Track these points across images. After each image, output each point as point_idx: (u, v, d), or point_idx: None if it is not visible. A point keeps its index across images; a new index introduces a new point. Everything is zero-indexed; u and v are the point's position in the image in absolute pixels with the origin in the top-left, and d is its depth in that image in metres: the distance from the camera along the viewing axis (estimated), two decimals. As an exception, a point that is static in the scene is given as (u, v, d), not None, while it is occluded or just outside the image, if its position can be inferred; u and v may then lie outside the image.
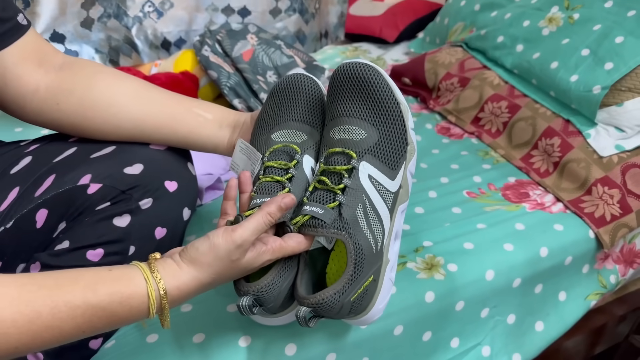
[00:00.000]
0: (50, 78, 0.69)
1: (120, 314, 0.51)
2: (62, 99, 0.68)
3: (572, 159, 0.96)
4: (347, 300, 0.54)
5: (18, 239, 0.67)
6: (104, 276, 0.51)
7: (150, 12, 1.29)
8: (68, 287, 0.49)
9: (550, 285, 0.85)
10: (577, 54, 1.05)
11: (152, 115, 0.70)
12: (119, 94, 0.69)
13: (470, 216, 0.88)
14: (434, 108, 1.21)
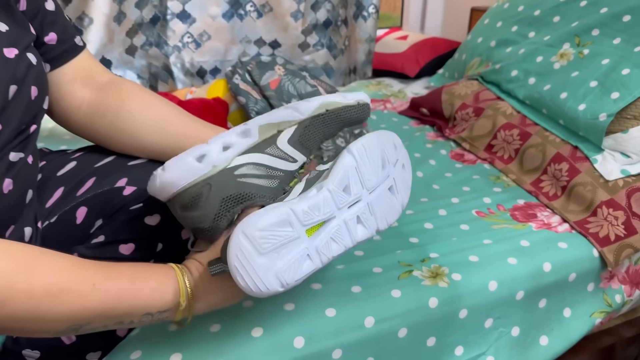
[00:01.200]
0: (92, 97, 0.76)
1: (157, 303, 0.57)
2: (96, 119, 0.76)
3: (579, 182, 1.00)
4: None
5: (60, 233, 0.75)
6: (144, 267, 0.59)
7: (188, 43, 1.40)
8: (116, 274, 0.56)
9: (554, 301, 0.88)
10: (586, 85, 1.10)
11: (170, 147, 0.75)
12: (143, 123, 0.75)
13: (477, 232, 0.92)
14: (450, 136, 1.28)
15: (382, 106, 1.48)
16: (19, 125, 0.63)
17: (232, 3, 1.43)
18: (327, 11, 1.53)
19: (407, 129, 1.34)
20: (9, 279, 0.48)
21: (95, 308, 0.53)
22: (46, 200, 0.75)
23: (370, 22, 1.62)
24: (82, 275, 0.52)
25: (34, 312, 0.49)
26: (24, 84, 0.62)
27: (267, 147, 0.60)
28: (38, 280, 0.49)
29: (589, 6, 1.22)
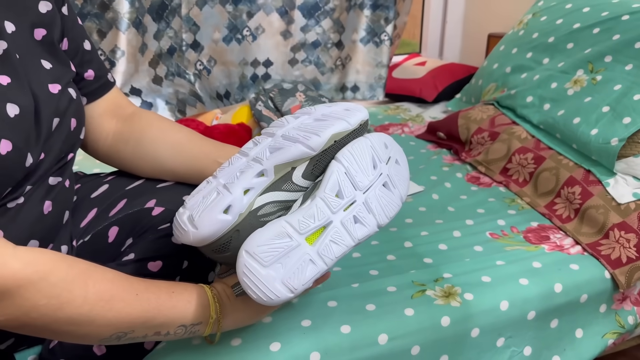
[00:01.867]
0: (117, 128, 0.83)
1: (188, 315, 0.62)
2: (121, 147, 0.83)
3: (592, 205, 1.02)
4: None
5: (93, 251, 0.80)
6: (179, 286, 0.64)
7: (202, 70, 1.50)
8: (155, 286, 0.61)
9: (566, 321, 0.90)
10: (598, 110, 1.13)
11: (186, 169, 0.82)
12: (161, 148, 0.82)
13: (490, 254, 0.95)
14: (466, 159, 1.31)
15: (400, 130, 1.52)
16: (59, 154, 0.69)
17: (231, 28, 1.54)
18: (317, 34, 1.67)
19: (424, 153, 1.38)
20: (68, 285, 0.54)
21: (139, 316, 0.58)
22: (81, 220, 0.81)
23: (382, 48, 1.71)
24: (127, 286, 0.58)
25: (87, 316, 0.55)
26: (65, 116, 0.68)
27: (283, 184, 0.65)
28: (92, 287, 0.55)
29: (602, 33, 1.25)
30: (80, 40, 0.77)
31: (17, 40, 0.65)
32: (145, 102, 1.42)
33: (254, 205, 0.63)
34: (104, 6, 1.34)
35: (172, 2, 1.42)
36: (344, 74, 1.74)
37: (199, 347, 0.75)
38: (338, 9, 1.66)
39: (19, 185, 0.62)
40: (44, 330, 0.55)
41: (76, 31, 0.77)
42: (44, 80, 0.66)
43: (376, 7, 1.68)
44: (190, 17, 1.46)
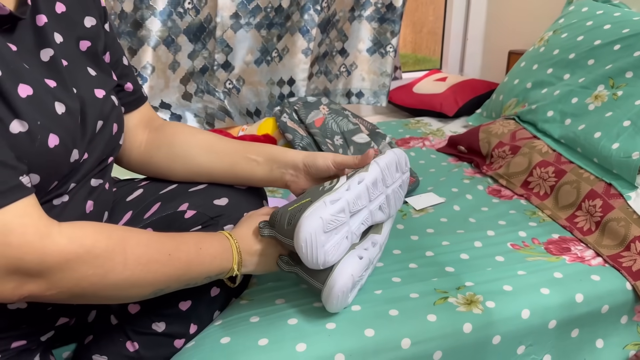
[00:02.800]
0: (149, 137, 0.89)
1: (216, 262, 0.71)
2: (153, 153, 0.88)
3: (613, 218, 1.03)
4: (285, 209, 0.76)
5: None
6: (207, 236, 0.74)
7: (231, 88, 1.55)
8: (187, 241, 0.69)
9: (587, 332, 0.91)
10: (619, 125, 1.14)
11: (218, 165, 0.88)
12: (193, 148, 0.88)
13: (512, 264, 0.96)
14: (487, 173, 1.33)
15: (421, 143, 1.54)
16: (101, 155, 0.74)
17: (263, 51, 1.61)
18: (326, 45, 1.77)
19: (445, 165, 1.40)
20: (110, 254, 0.59)
21: (173, 274, 0.65)
22: (117, 222, 0.85)
23: (387, 59, 1.83)
24: (160, 247, 0.64)
25: (129, 280, 0.61)
26: (108, 120, 0.73)
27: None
28: (130, 254, 0.60)
29: (623, 50, 1.27)
30: (119, 55, 0.83)
31: (65, 49, 0.69)
32: (174, 114, 1.47)
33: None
34: (137, 25, 1.40)
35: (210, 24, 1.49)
36: (349, 80, 1.85)
37: (226, 347, 0.78)
38: (342, 19, 1.75)
39: (64, 181, 0.66)
40: (93, 296, 0.61)
41: (116, 47, 0.83)
42: (89, 85, 0.71)
43: (383, 20, 1.80)
44: (223, 39, 1.52)
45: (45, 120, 0.60)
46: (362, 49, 1.82)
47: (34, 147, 0.58)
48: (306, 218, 0.72)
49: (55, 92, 0.64)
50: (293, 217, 0.74)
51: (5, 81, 0.56)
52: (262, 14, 1.55)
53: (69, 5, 0.72)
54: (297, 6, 1.59)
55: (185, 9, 1.45)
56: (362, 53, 1.83)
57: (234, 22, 1.52)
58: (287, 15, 1.59)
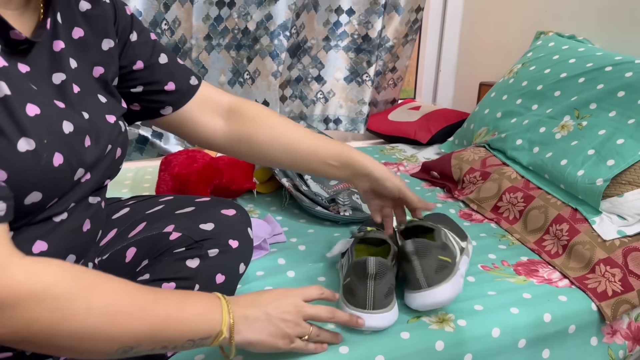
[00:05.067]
0: (223, 125, 0.90)
1: (201, 330, 0.63)
2: (234, 146, 0.91)
3: (579, 241, 1.07)
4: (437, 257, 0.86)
5: (110, 270, 0.82)
6: (193, 295, 0.67)
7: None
8: (167, 299, 0.62)
9: (557, 353, 0.93)
10: (584, 153, 1.19)
11: (297, 165, 0.93)
12: (273, 149, 0.91)
13: (482, 284, 0.98)
14: (458, 197, 1.36)
15: (396, 168, 1.58)
16: (102, 178, 0.73)
17: (235, 72, 1.65)
18: (298, 70, 1.85)
19: (419, 190, 1.43)
20: (71, 297, 0.53)
21: (145, 330, 0.58)
22: (101, 239, 0.85)
23: (364, 88, 1.92)
24: (135, 298, 0.58)
25: (90, 330, 0.54)
26: (114, 144, 0.73)
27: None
28: (97, 301, 0.54)
29: (587, 82, 1.33)
30: (154, 59, 0.82)
31: (78, 75, 0.70)
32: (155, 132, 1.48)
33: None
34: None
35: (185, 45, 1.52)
36: (327, 107, 1.92)
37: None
38: (315, 47, 1.83)
39: (64, 199, 0.65)
40: (46, 345, 0.54)
41: (148, 51, 0.82)
42: (101, 112, 0.71)
43: (359, 51, 1.88)
44: (199, 60, 1.55)
45: (51, 138, 0.59)
46: (339, 77, 1.90)
47: (40, 165, 0.57)
48: (455, 280, 0.87)
49: (64, 112, 0.63)
50: (442, 270, 0.87)
51: (14, 101, 0.56)
52: (230, 35, 1.61)
53: (87, 29, 0.72)
54: (266, 30, 1.66)
55: (162, 30, 1.48)
56: (340, 81, 1.90)
57: (207, 43, 1.55)
58: (254, 37, 1.66)
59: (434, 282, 0.85)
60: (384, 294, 0.81)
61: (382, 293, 0.81)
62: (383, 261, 0.81)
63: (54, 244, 0.64)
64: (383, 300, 0.81)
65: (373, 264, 0.80)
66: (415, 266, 0.85)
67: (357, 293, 0.81)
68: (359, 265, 0.80)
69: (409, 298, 0.87)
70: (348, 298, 0.83)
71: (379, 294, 0.81)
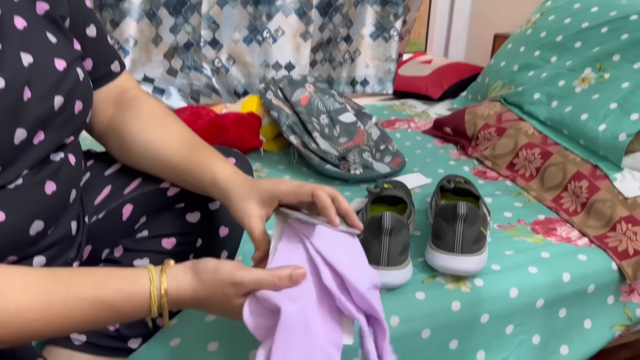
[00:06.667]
0: (112, 115, 0.78)
1: (125, 309, 0.54)
2: (108, 136, 0.79)
3: (599, 199, 1.03)
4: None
5: (106, 228, 0.80)
6: (114, 274, 0.56)
7: (220, 67, 1.50)
8: (79, 281, 0.54)
9: (574, 312, 0.91)
10: (606, 107, 1.14)
11: (156, 171, 0.77)
12: (136, 147, 0.76)
13: (499, 244, 0.95)
14: (472, 154, 1.32)
15: (407, 125, 1.53)
16: (60, 137, 0.65)
17: (251, 29, 1.54)
18: (329, 30, 1.67)
19: (431, 147, 1.39)
20: None
21: (68, 323, 0.53)
22: (94, 197, 0.81)
23: (392, 44, 1.74)
24: (51, 294, 0.52)
25: (12, 331, 0.51)
26: (70, 97, 0.64)
27: None
28: (13, 305, 0.50)
29: (610, 32, 1.26)
30: (83, 25, 0.72)
31: (19, 10, 0.60)
32: (157, 88, 1.43)
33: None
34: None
35: (191, -1, 1.43)
36: (353, 68, 1.76)
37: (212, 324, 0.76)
38: (347, 3, 1.67)
39: (12, 164, 0.58)
40: None
41: (81, 16, 0.72)
42: (49, 54, 0.62)
43: (385, 3, 1.70)
44: (210, 15, 1.46)
45: None
46: (364, 34, 1.73)
47: None
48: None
49: None
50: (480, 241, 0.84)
51: None
52: None
53: None
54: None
55: (166, -20, 1.40)
56: (365, 38, 1.74)
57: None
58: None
59: (469, 251, 0.82)
60: (398, 251, 0.78)
61: (397, 250, 0.78)
62: (399, 217, 0.78)
63: (12, 213, 0.59)
64: (397, 257, 0.79)
65: (389, 219, 0.77)
66: (457, 229, 0.81)
67: (371, 249, 0.78)
68: (374, 220, 0.77)
69: (435, 256, 0.84)
70: None
71: (394, 250, 0.78)
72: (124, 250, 0.79)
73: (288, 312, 0.53)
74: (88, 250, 0.80)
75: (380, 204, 0.97)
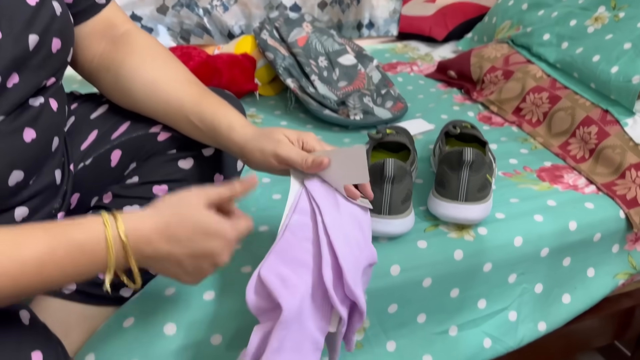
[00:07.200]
0: (103, 51, 0.73)
1: (82, 262, 0.50)
2: (102, 74, 0.74)
3: (608, 145, 0.99)
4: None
5: (95, 175, 0.76)
6: (66, 225, 0.51)
7: (217, 6, 1.41)
8: (32, 239, 0.49)
9: (578, 260, 0.89)
10: (620, 47, 1.08)
11: (159, 115, 0.73)
12: (136, 84, 0.72)
13: (504, 192, 0.92)
14: (477, 99, 1.27)
15: (409, 69, 1.46)
16: (38, 80, 0.60)
17: None
18: None
19: (434, 92, 1.33)
20: None
21: (14, 285, 0.47)
22: (81, 142, 0.76)
23: None
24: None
25: None
26: (46, 35, 0.58)
27: None
28: None
29: (627, -32, 1.19)
30: None
31: None
32: (145, 26, 1.35)
33: None
34: None
35: None
36: (360, 10, 1.66)
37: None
38: None
39: None
40: None
41: None
42: None
43: None
44: None
45: None
46: None
47: None
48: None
49: None
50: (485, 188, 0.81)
51: None
52: None
53: None
54: None
55: None
56: None
57: None
58: None
59: (474, 199, 0.78)
60: (401, 199, 0.75)
61: (399, 198, 0.75)
62: (402, 164, 0.74)
63: None
64: (400, 205, 0.75)
65: (391, 166, 0.73)
66: (462, 177, 0.78)
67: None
68: (376, 168, 0.73)
69: (438, 205, 0.80)
70: None
71: (396, 198, 0.75)
72: (113, 197, 0.75)
73: (289, 309, 0.55)
74: (76, 199, 0.77)
75: (381, 151, 0.93)
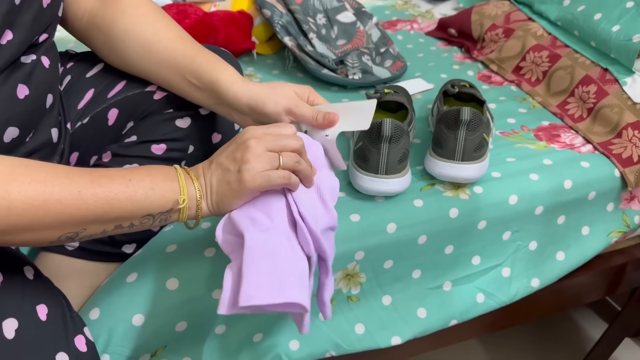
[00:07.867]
0: (92, 8, 0.73)
1: (158, 180, 0.56)
2: (93, 34, 0.73)
3: (606, 104, 0.99)
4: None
5: (92, 134, 0.77)
6: (138, 170, 0.57)
7: None
8: (107, 172, 0.55)
9: (573, 218, 0.90)
10: (622, 6, 1.07)
11: (152, 76, 0.73)
12: (129, 44, 0.72)
13: (500, 151, 0.93)
14: (477, 57, 1.26)
15: (409, 26, 1.44)
16: (29, 35, 0.60)
17: None
18: None
19: (434, 50, 1.32)
20: None
21: (85, 215, 0.51)
22: (77, 101, 0.77)
23: None
24: (67, 184, 0.50)
25: (18, 224, 0.48)
26: None
27: None
28: (17, 195, 0.47)
29: None
30: None
31: None
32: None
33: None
34: None
35: None
36: None
37: (208, 231, 0.75)
38: None
39: None
40: None
41: None
42: None
43: None
44: None
45: None
46: None
47: None
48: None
49: None
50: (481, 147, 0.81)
51: None
52: None
53: None
54: None
55: None
56: None
57: None
58: None
59: (470, 158, 0.79)
60: (397, 159, 0.76)
61: (396, 158, 0.76)
62: (400, 124, 0.74)
63: None
64: (397, 165, 0.76)
65: (389, 125, 0.73)
66: (459, 136, 0.77)
67: (369, 157, 0.75)
68: (373, 127, 0.74)
69: (435, 164, 0.81)
70: (359, 163, 0.78)
71: (393, 158, 0.75)
72: (112, 156, 0.76)
73: (251, 239, 0.56)
74: (75, 158, 0.77)
75: (379, 110, 0.93)
